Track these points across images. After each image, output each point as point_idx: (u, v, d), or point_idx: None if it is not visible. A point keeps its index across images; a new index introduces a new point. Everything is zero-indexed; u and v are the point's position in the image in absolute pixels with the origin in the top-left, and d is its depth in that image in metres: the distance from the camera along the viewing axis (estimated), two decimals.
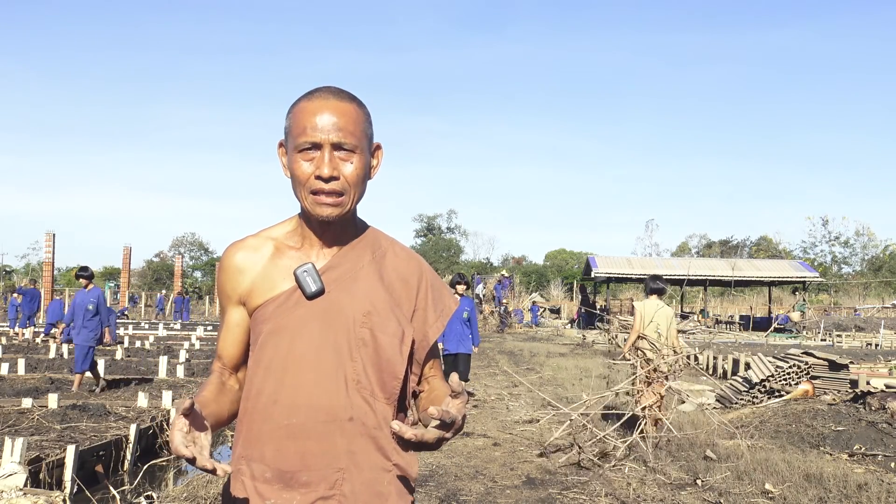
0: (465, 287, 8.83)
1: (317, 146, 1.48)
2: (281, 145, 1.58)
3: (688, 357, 8.12)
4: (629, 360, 7.42)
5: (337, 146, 1.49)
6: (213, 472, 1.28)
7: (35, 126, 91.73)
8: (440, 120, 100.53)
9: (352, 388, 1.49)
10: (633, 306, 8.03)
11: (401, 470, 1.54)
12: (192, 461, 1.28)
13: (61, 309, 18.44)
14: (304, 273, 1.52)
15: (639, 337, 7.43)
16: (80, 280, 9.91)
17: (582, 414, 6.84)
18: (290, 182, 1.54)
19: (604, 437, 6.54)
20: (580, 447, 6.37)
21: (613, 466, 6.18)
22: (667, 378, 7.05)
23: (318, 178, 1.47)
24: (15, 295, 20.54)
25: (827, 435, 7.33)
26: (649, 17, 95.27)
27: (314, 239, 1.58)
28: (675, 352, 7.32)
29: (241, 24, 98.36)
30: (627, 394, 7.48)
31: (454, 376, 1.39)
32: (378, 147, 1.61)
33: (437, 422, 1.37)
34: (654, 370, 6.98)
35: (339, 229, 1.57)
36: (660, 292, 7.79)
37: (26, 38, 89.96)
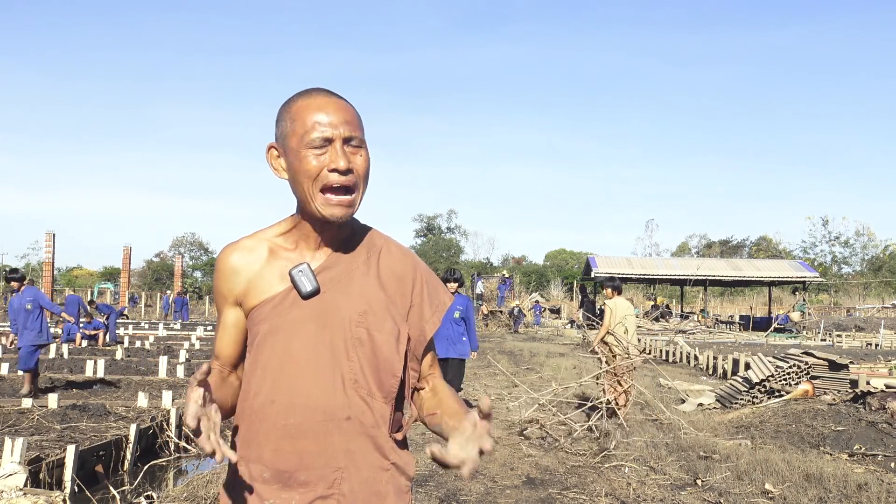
0: (457, 284, 7.99)
1: (328, 141, 1.48)
2: (272, 147, 1.56)
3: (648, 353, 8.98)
4: (597, 353, 8.11)
5: (347, 140, 1.50)
6: (213, 454, 1.28)
7: (35, 126, 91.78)
8: (440, 120, 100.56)
9: (349, 387, 1.49)
10: (604, 303, 8.83)
11: (398, 469, 1.55)
12: (197, 434, 1.27)
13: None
14: (299, 273, 1.52)
15: (608, 333, 8.03)
16: (12, 283, 9.52)
17: (549, 400, 7.93)
18: (294, 181, 1.52)
19: (565, 418, 7.44)
20: (542, 425, 7.38)
21: (572, 442, 6.90)
22: (632, 369, 7.88)
23: (334, 171, 1.47)
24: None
25: (827, 435, 7.33)
26: (649, 17, 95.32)
27: (309, 239, 1.57)
28: (637, 349, 8.11)
29: (241, 24, 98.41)
30: (598, 382, 8.18)
31: (485, 400, 1.37)
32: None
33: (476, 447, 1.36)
34: (618, 363, 7.79)
35: (336, 229, 1.57)
36: (619, 291, 8.56)
37: (26, 38, 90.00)
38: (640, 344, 8.23)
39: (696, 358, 16.75)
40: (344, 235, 1.60)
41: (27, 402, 7.90)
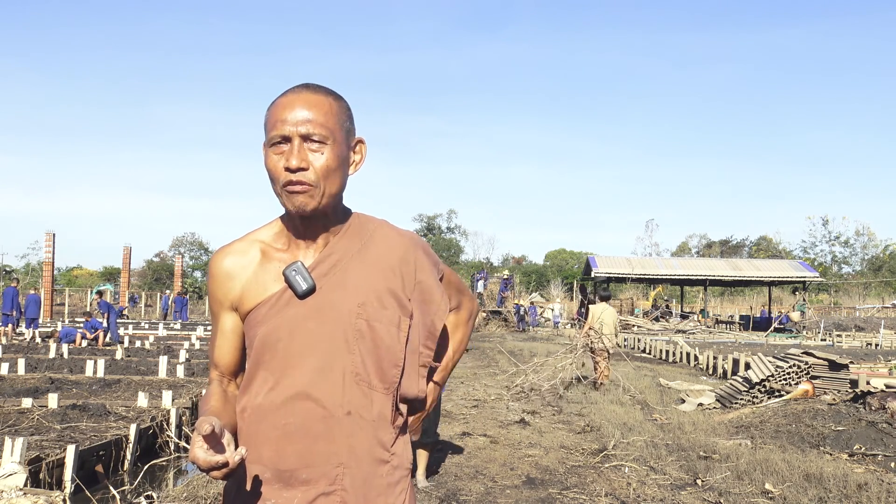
0: None
1: (286, 139, 1.47)
2: (264, 147, 1.57)
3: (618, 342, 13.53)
4: (584, 341, 11.58)
5: (306, 137, 1.47)
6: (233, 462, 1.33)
7: (35, 126, 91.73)
8: (440, 120, 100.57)
9: (349, 381, 1.49)
10: (587, 307, 12.95)
11: (399, 459, 1.56)
12: (223, 465, 1.31)
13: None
14: (293, 272, 1.51)
15: (590, 328, 11.44)
16: None
17: (533, 370, 11.37)
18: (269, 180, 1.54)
19: (550, 384, 10.89)
20: (526, 388, 10.76)
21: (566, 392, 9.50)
22: (607, 354, 11.29)
23: (287, 169, 1.46)
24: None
25: (827, 435, 7.33)
26: (649, 17, 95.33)
27: (299, 237, 1.56)
28: (609, 338, 11.41)
29: (240, 24, 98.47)
30: (583, 365, 12.05)
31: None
32: (360, 141, 1.59)
33: None
34: (597, 348, 11.29)
35: (323, 224, 1.55)
36: (607, 299, 12.21)
37: (26, 38, 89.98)
38: (615, 335, 11.61)
39: (696, 358, 16.74)
40: (333, 229, 1.58)
41: (27, 402, 7.90)
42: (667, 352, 18.81)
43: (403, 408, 1.58)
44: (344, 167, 1.53)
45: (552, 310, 36.75)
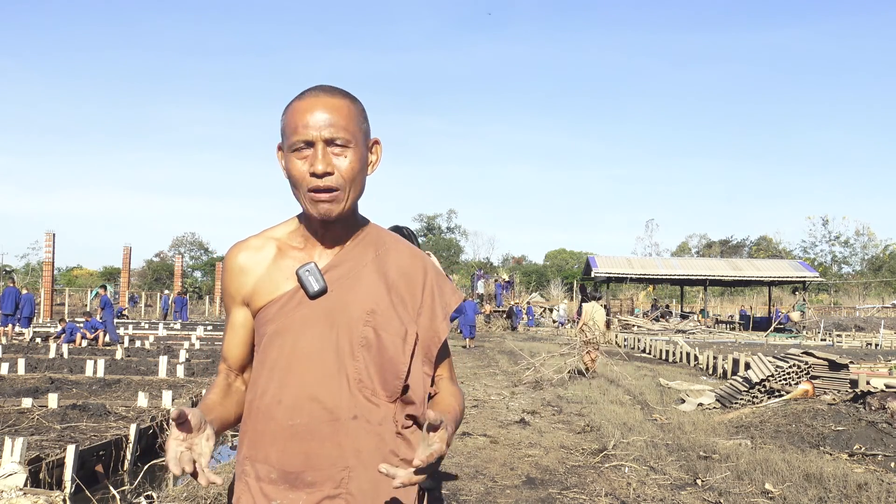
0: None
1: (310, 144, 1.47)
2: (280, 148, 1.57)
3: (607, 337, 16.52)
4: (578, 336, 13.59)
5: (329, 142, 1.47)
6: (208, 481, 1.31)
7: (35, 126, 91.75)
8: (440, 120, 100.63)
9: (354, 387, 1.49)
10: (581, 306, 14.61)
11: (408, 465, 1.53)
12: (191, 474, 1.29)
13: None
14: (306, 272, 1.51)
15: (584, 324, 13.37)
16: None
17: (539, 364, 13.02)
18: (289, 183, 1.53)
19: (557, 374, 12.55)
20: (539, 374, 12.50)
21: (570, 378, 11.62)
22: (597, 347, 13.17)
23: (313, 174, 1.46)
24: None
25: (827, 435, 7.32)
26: (649, 17, 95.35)
27: (316, 237, 1.57)
28: (599, 333, 13.49)
29: (240, 24, 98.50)
30: (585, 355, 13.32)
31: (430, 414, 1.36)
32: (376, 142, 1.59)
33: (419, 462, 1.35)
34: (589, 342, 13.12)
35: (341, 227, 1.56)
36: (597, 299, 14.15)
37: (26, 38, 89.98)
38: (605, 331, 13.73)
39: (696, 358, 16.74)
40: (351, 233, 1.58)
41: (27, 402, 7.90)
42: (667, 352, 18.81)
43: (411, 413, 1.56)
44: (364, 170, 1.54)
45: (557, 310, 36.96)
